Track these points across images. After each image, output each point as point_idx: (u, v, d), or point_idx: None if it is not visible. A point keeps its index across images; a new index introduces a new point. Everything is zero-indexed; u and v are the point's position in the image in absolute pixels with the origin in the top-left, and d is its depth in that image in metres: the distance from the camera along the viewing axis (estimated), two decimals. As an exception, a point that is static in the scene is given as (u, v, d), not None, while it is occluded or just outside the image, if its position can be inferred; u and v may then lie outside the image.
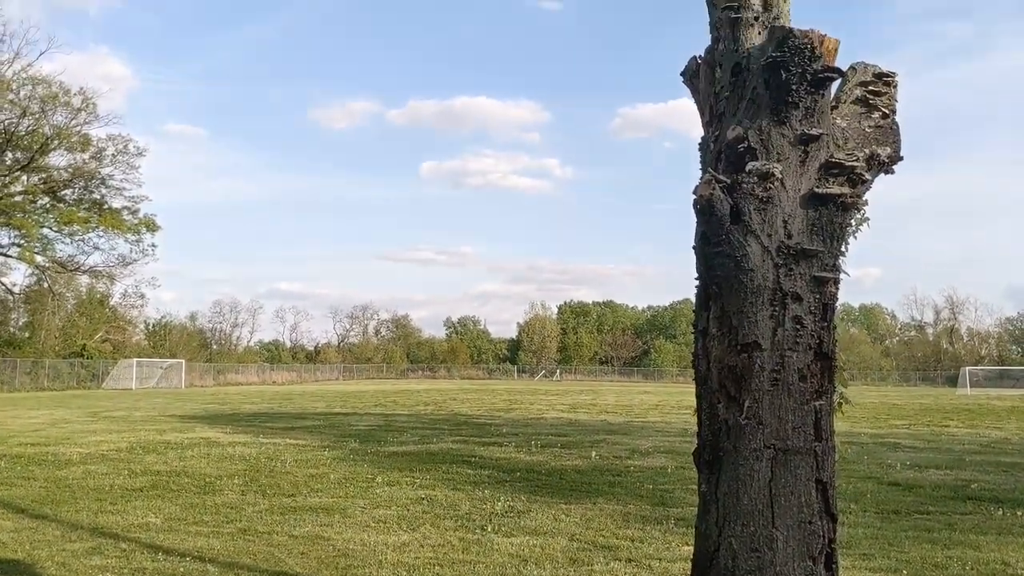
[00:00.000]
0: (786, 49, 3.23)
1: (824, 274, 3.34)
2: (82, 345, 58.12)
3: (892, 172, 3.57)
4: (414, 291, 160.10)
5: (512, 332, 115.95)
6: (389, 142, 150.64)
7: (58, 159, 44.83)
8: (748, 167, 3.26)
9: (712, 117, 3.60)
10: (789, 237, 3.29)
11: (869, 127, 3.56)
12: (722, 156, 3.38)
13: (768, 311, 3.28)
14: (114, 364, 56.58)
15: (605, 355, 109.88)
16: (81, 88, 43.29)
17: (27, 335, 59.78)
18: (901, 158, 3.56)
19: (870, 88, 3.74)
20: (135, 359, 56.79)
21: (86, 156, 44.49)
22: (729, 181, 3.27)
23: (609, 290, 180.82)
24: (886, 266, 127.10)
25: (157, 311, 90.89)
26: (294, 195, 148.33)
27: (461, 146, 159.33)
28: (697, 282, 3.62)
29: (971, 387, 64.15)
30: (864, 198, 3.52)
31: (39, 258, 45.88)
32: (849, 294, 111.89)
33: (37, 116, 41.69)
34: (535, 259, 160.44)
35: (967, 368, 69.35)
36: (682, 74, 3.84)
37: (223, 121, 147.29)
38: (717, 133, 3.52)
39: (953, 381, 72.66)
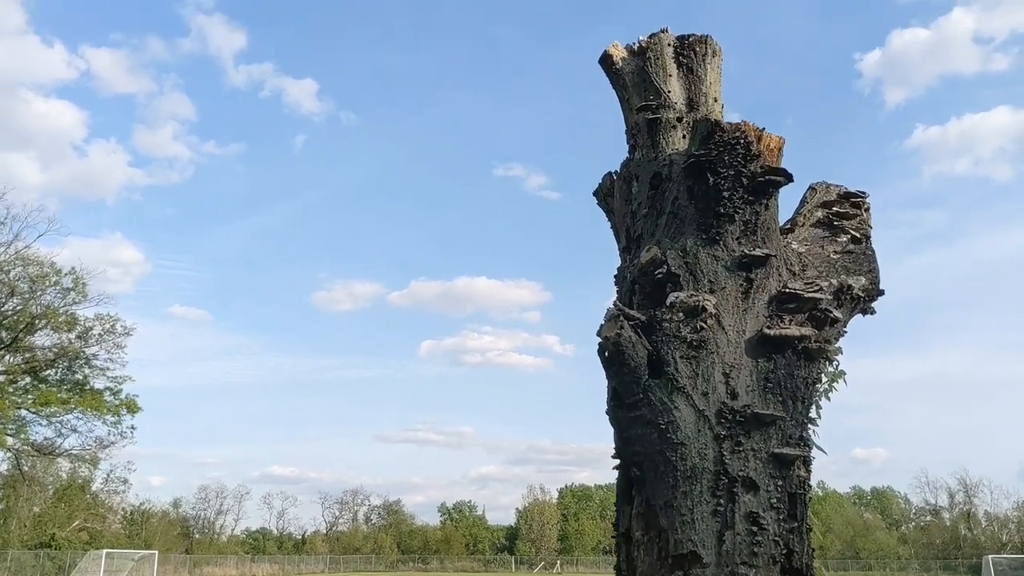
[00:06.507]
0: (713, 146, 2.40)
1: (787, 451, 2.35)
2: (51, 535, 55.22)
3: (872, 311, 2.68)
4: (411, 474, 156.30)
5: (511, 518, 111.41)
6: (390, 323, 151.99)
7: (43, 339, 44.28)
8: (669, 299, 2.36)
9: (629, 242, 2.74)
10: (734, 397, 2.34)
11: (835, 252, 2.69)
12: (636, 287, 2.48)
13: (710, 505, 2.27)
14: (83, 556, 53.47)
15: (608, 544, 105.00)
16: (72, 268, 43.38)
17: (-1, 523, 57.08)
18: (881, 292, 2.67)
19: (835, 210, 2.90)
20: (104, 550, 53.73)
21: (72, 336, 43.94)
22: (644, 318, 2.35)
23: (612, 472, 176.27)
24: (891, 447, 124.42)
25: (136, 497, 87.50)
26: (293, 377, 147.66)
27: (461, 324, 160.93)
28: (616, 463, 2.63)
29: (995, 577, 60.79)
30: (837, 344, 2.61)
31: (10, 440, 44.25)
32: (859, 476, 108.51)
33: (26, 296, 41.54)
34: (536, 439, 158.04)
35: (990, 556, 65.87)
36: (594, 193, 3.03)
37: (227, 304, 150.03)
38: (635, 260, 2.67)
39: (976, 570, 68.99)
